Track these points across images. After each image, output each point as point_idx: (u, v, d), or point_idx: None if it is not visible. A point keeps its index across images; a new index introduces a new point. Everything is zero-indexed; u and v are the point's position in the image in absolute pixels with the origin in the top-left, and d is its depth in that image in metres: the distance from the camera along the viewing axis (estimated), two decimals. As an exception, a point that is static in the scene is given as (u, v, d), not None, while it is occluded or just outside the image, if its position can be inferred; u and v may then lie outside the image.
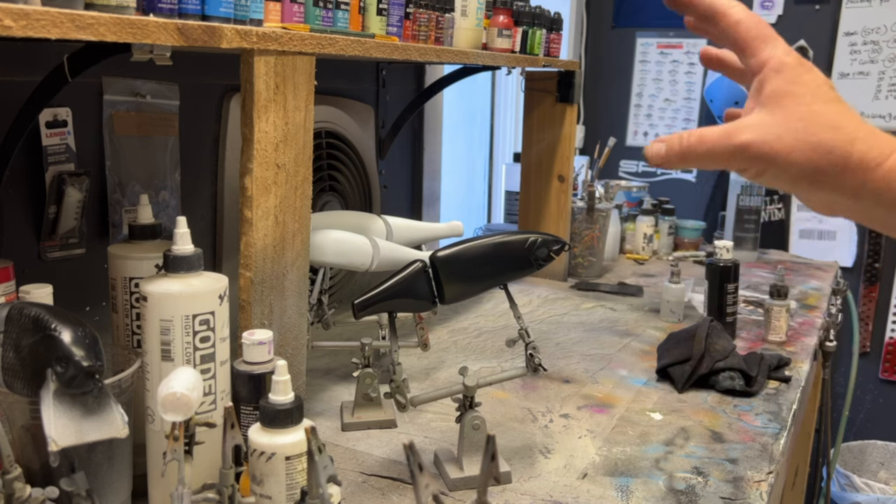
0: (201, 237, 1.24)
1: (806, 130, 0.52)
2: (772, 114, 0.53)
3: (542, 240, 0.90)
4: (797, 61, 0.55)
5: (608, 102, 2.92)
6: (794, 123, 0.52)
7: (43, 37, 0.57)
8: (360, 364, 1.02)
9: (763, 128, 0.53)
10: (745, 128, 0.54)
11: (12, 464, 0.60)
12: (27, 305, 0.63)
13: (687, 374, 1.17)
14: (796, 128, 0.52)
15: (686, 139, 0.55)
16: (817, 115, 0.52)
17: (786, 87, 0.54)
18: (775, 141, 0.52)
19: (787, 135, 0.52)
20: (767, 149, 0.52)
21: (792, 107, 0.53)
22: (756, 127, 0.53)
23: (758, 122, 0.53)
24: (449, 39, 1.24)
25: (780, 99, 0.53)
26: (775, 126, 0.53)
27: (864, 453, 2.59)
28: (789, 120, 0.52)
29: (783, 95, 0.53)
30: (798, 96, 0.53)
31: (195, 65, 1.15)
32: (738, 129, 0.54)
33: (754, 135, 0.53)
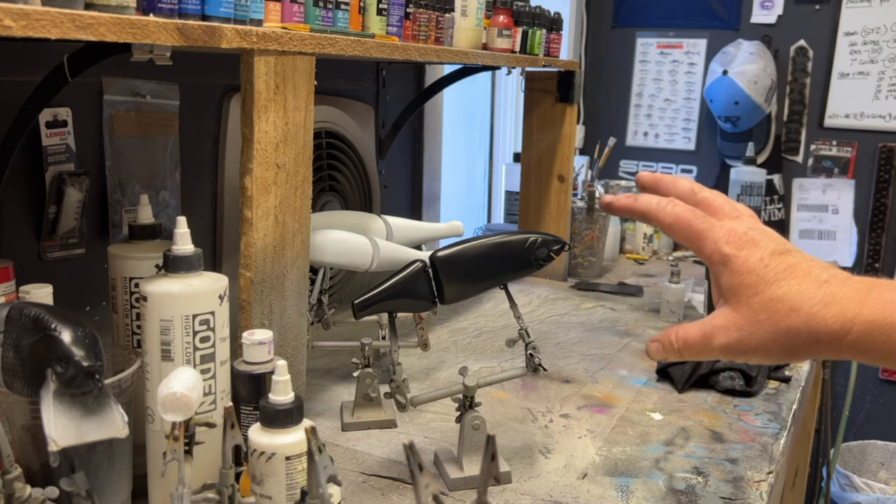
0: (201, 237, 1.24)
1: (770, 321, 0.55)
2: (735, 311, 0.57)
3: (542, 240, 0.90)
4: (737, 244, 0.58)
5: (608, 102, 2.92)
6: (759, 317, 0.56)
7: (43, 37, 0.57)
8: (360, 364, 1.02)
9: (732, 328, 0.57)
10: (718, 331, 0.58)
11: (12, 464, 0.60)
12: (27, 305, 0.63)
13: (687, 374, 1.17)
14: (761, 321, 0.56)
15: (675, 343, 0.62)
16: (775, 303, 0.55)
17: (737, 280, 0.57)
18: (748, 338, 0.57)
19: (756, 330, 0.56)
20: (744, 346, 0.57)
21: (751, 298, 0.56)
22: (727, 328, 0.58)
23: (726, 322, 0.58)
24: (449, 39, 1.24)
25: (738, 292, 0.57)
26: (743, 324, 0.57)
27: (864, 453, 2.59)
28: (753, 314, 0.56)
29: (739, 288, 0.57)
30: (750, 287, 0.57)
31: (195, 65, 1.15)
32: (712, 334, 0.59)
33: (727, 337, 0.58)
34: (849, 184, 2.59)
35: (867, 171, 2.56)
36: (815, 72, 2.58)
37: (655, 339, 0.63)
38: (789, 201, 2.68)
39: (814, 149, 2.63)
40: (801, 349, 0.55)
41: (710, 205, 0.63)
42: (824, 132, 2.60)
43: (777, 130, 2.66)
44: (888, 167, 2.52)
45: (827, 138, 2.60)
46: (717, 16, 2.71)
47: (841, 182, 2.60)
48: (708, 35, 2.74)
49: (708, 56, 2.73)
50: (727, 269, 0.58)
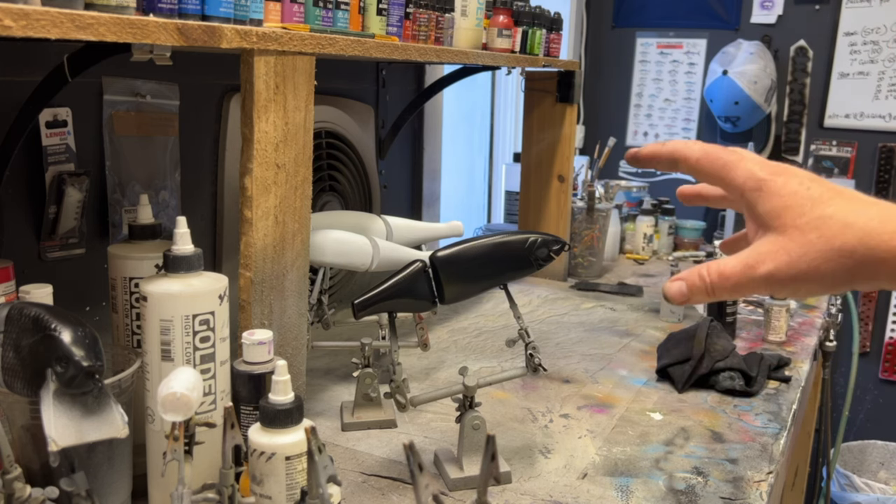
0: (201, 237, 1.24)
1: (822, 239, 0.50)
2: (781, 234, 0.52)
3: (542, 240, 0.90)
4: (771, 171, 0.54)
5: (608, 102, 2.92)
6: (808, 236, 0.51)
7: (43, 37, 0.57)
8: (360, 364, 1.02)
9: (780, 252, 0.52)
10: (763, 257, 0.52)
11: (12, 464, 0.60)
12: (27, 305, 0.63)
13: (687, 374, 1.17)
14: (811, 240, 0.51)
15: (707, 277, 0.55)
16: (826, 220, 0.51)
17: (778, 203, 0.53)
18: (798, 261, 0.51)
19: (808, 250, 0.51)
20: (794, 271, 0.51)
21: (798, 219, 0.51)
22: (773, 254, 0.52)
23: (773, 247, 0.52)
24: (449, 39, 1.24)
25: (781, 216, 0.52)
26: (791, 246, 0.51)
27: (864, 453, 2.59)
28: (803, 234, 0.51)
29: (782, 211, 0.52)
30: (797, 207, 0.52)
31: (195, 65, 1.15)
32: (757, 261, 0.53)
33: (775, 263, 0.52)
34: (849, 184, 2.59)
35: (867, 171, 2.56)
36: (815, 72, 2.58)
37: (677, 277, 0.56)
38: (789, 201, 2.67)
39: (814, 149, 2.63)
40: (858, 271, 0.50)
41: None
42: (824, 132, 2.60)
43: (777, 130, 2.66)
44: (888, 167, 2.52)
45: (827, 138, 2.60)
46: (717, 16, 2.71)
47: (841, 182, 2.60)
48: (708, 35, 2.74)
49: (708, 56, 2.73)
50: (764, 194, 0.53)
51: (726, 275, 0.54)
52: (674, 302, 0.57)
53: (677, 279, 0.56)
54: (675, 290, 0.56)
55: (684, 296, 0.56)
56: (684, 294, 0.56)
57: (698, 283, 0.55)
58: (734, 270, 0.53)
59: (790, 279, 0.51)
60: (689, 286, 0.55)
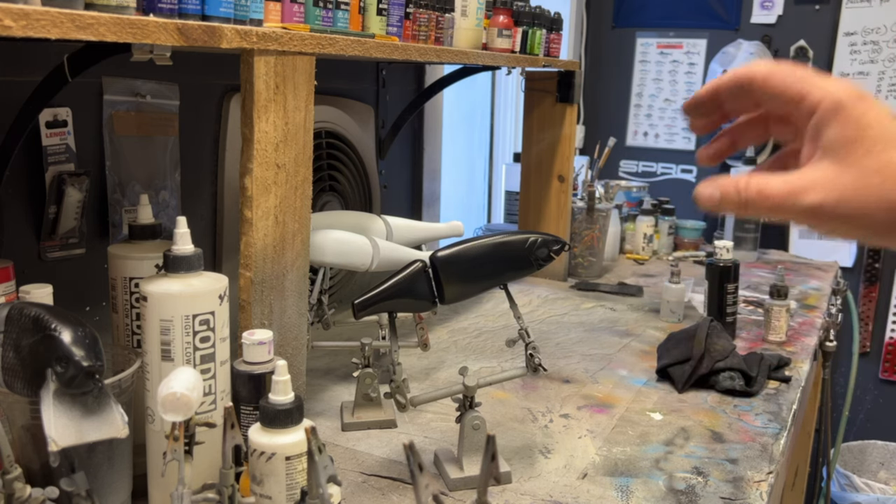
0: (201, 237, 1.24)
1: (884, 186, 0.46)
2: (841, 165, 0.48)
3: (542, 240, 0.90)
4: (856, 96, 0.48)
5: (608, 102, 2.92)
6: (871, 178, 0.47)
7: (43, 37, 0.57)
8: (360, 364, 1.02)
9: (836, 186, 0.47)
10: (814, 184, 0.48)
11: (12, 464, 0.60)
12: (27, 305, 0.63)
13: (687, 374, 1.17)
14: (874, 183, 0.46)
15: (745, 191, 0.50)
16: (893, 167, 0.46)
17: (851, 133, 0.48)
18: (851, 200, 0.47)
19: (865, 191, 0.47)
20: (844, 209, 0.47)
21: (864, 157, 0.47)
22: (826, 184, 0.47)
23: (827, 177, 0.48)
24: (449, 39, 1.24)
25: (847, 147, 0.47)
26: (849, 182, 0.47)
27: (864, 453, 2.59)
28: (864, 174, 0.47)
29: (850, 142, 0.47)
30: (868, 142, 0.47)
31: (195, 65, 1.15)
32: (805, 187, 0.48)
33: (826, 194, 0.47)
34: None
35: (867, 171, 2.56)
36: (815, 72, 2.58)
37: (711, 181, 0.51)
38: (789, 201, 2.67)
39: (814, 149, 2.62)
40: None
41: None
42: (824, 132, 2.60)
43: (777, 130, 2.65)
44: (888, 167, 2.51)
45: (827, 138, 2.60)
46: (717, 16, 2.71)
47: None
48: (708, 35, 2.74)
49: (708, 56, 2.73)
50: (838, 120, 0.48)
51: (767, 194, 0.49)
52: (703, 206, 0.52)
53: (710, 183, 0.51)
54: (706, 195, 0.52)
55: (714, 203, 0.51)
56: (714, 199, 0.51)
57: (733, 194, 0.50)
58: (777, 192, 0.49)
59: (836, 216, 0.48)
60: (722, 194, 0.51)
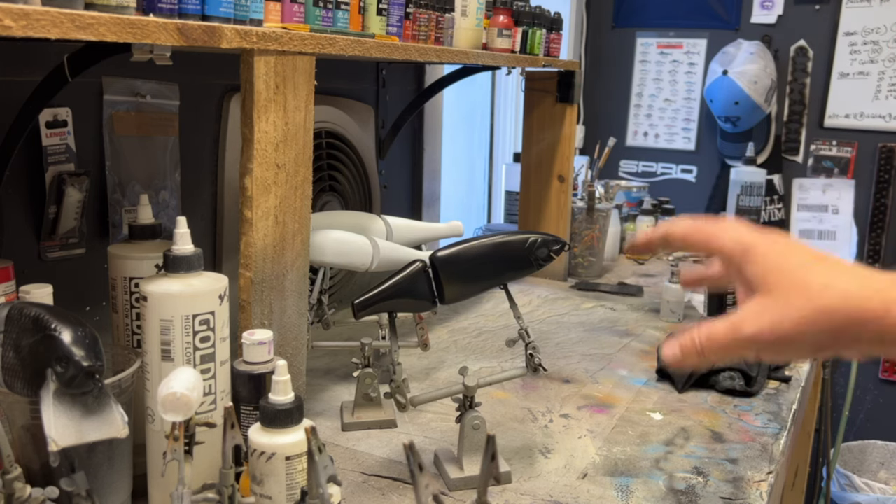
0: (201, 237, 1.24)
1: (803, 299, 0.52)
2: (765, 296, 0.54)
3: (542, 240, 0.90)
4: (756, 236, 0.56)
5: (608, 102, 2.92)
6: (790, 298, 0.52)
7: (43, 37, 0.57)
8: (360, 364, 1.02)
9: (764, 313, 0.53)
10: (748, 318, 0.54)
11: (12, 464, 0.60)
12: (27, 305, 0.63)
13: (687, 374, 1.17)
14: (793, 302, 0.52)
15: (698, 339, 0.56)
16: (808, 283, 0.52)
17: (764, 267, 0.54)
18: (781, 322, 0.52)
19: (790, 311, 0.52)
20: (779, 332, 0.52)
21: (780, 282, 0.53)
22: (758, 315, 0.53)
23: (757, 309, 0.54)
24: (449, 39, 1.24)
25: (764, 279, 0.54)
26: (775, 307, 0.53)
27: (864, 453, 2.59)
28: (784, 296, 0.53)
29: (765, 275, 0.54)
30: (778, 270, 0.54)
31: (195, 65, 1.15)
32: (742, 322, 0.54)
33: (758, 323, 0.53)
34: (849, 184, 2.59)
35: (867, 171, 2.56)
36: (815, 72, 2.58)
37: (670, 342, 0.58)
38: (789, 201, 2.68)
39: (814, 149, 2.63)
40: (840, 332, 0.51)
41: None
42: (824, 132, 2.60)
43: (777, 130, 2.66)
44: (888, 167, 2.52)
45: (827, 138, 2.60)
46: (717, 16, 2.71)
47: (841, 182, 2.60)
48: (708, 35, 2.74)
49: (708, 56, 2.73)
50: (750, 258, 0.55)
51: (714, 336, 0.55)
52: (670, 365, 0.58)
53: (673, 341, 0.58)
54: (669, 354, 0.58)
55: (677, 358, 0.57)
56: (677, 356, 0.57)
57: (689, 346, 0.56)
58: (721, 331, 0.55)
59: (774, 340, 0.53)
60: (681, 349, 0.57)
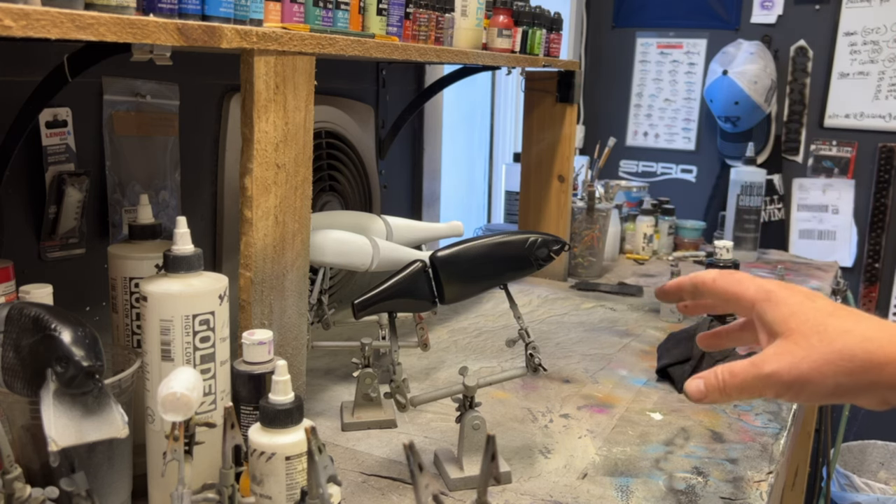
0: (201, 237, 1.24)
1: (823, 343, 0.54)
2: (787, 339, 0.57)
3: (542, 240, 0.90)
4: (779, 285, 0.61)
5: (608, 102, 2.92)
6: (811, 340, 0.55)
7: (43, 37, 0.57)
8: (360, 364, 1.02)
9: (786, 354, 0.56)
10: (769, 358, 0.57)
11: (12, 464, 0.60)
12: (27, 305, 0.63)
13: (687, 374, 1.16)
14: (813, 344, 0.55)
15: (720, 375, 0.59)
16: (827, 326, 0.55)
17: (786, 311, 0.58)
18: (801, 362, 0.55)
19: (811, 353, 0.55)
20: (797, 372, 0.55)
21: (801, 326, 0.56)
22: (779, 355, 0.56)
23: (779, 350, 0.57)
24: (449, 39, 1.24)
25: (786, 322, 0.57)
26: (795, 348, 0.56)
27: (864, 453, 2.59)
28: (805, 338, 0.55)
29: (787, 318, 0.57)
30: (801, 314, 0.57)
31: (195, 65, 1.15)
32: (763, 360, 0.57)
33: (779, 363, 0.56)
34: (849, 184, 2.59)
35: (867, 171, 2.56)
36: (815, 72, 2.58)
37: (696, 377, 0.61)
38: (789, 201, 2.68)
39: (814, 149, 2.63)
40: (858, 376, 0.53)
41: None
42: (824, 132, 2.60)
43: (777, 130, 2.66)
44: (888, 167, 2.52)
45: (827, 138, 2.60)
46: (717, 16, 2.71)
47: (841, 182, 2.60)
48: (708, 35, 2.74)
49: (708, 56, 2.73)
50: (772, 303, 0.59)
51: (735, 372, 0.59)
52: (693, 400, 0.61)
53: (697, 377, 0.61)
54: (693, 389, 0.61)
55: (702, 393, 0.60)
56: (702, 392, 0.60)
57: (713, 381, 0.60)
58: (742, 369, 0.58)
59: (793, 379, 0.55)
60: (706, 384, 0.60)
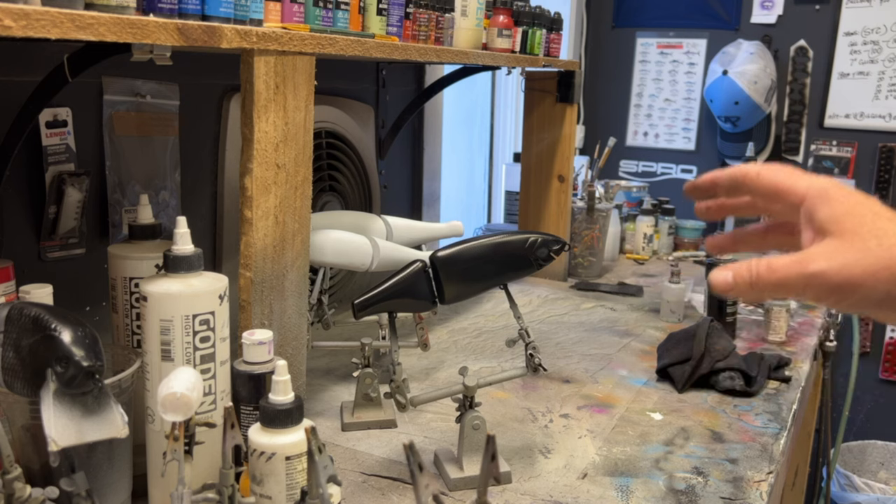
0: (201, 237, 1.24)
1: (881, 247, 0.49)
2: (840, 238, 0.50)
3: (542, 240, 0.90)
4: (835, 184, 0.54)
5: (608, 102, 2.92)
6: (868, 243, 0.49)
7: (43, 37, 0.57)
8: (360, 364, 1.02)
9: (836, 253, 0.50)
10: (818, 256, 0.50)
11: (12, 464, 0.60)
12: (27, 305, 0.63)
13: (687, 374, 1.17)
14: (870, 247, 0.49)
15: (755, 268, 0.52)
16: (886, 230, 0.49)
17: (840, 210, 0.52)
18: (854, 264, 0.49)
19: (866, 256, 0.49)
20: (847, 274, 0.49)
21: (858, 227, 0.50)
22: (829, 254, 0.50)
23: (829, 248, 0.50)
24: (449, 39, 1.24)
25: (840, 222, 0.51)
26: (850, 249, 0.49)
27: (864, 453, 2.59)
28: (861, 240, 0.49)
29: (842, 217, 0.51)
30: (858, 216, 0.51)
31: (195, 65, 1.15)
32: (809, 258, 0.51)
33: (829, 262, 0.49)
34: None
35: (867, 171, 2.56)
36: (815, 72, 2.58)
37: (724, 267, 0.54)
38: (789, 201, 2.67)
39: (814, 149, 2.63)
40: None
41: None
42: (824, 132, 2.60)
43: (777, 130, 2.66)
44: (888, 167, 2.52)
45: (827, 138, 2.60)
46: (717, 16, 2.71)
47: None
48: (708, 35, 2.74)
49: (708, 56, 2.73)
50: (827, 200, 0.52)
51: (774, 267, 0.51)
52: (717, 290, 0.54)
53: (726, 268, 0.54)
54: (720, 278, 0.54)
55: (728, 285, 0.53)
56: (728, 283, 0.53)
57: (744, 273, 0.53)
58: (784, 264, 0.51)
59: (841, 282, 0.49)
60: (734, 275, 0.53)
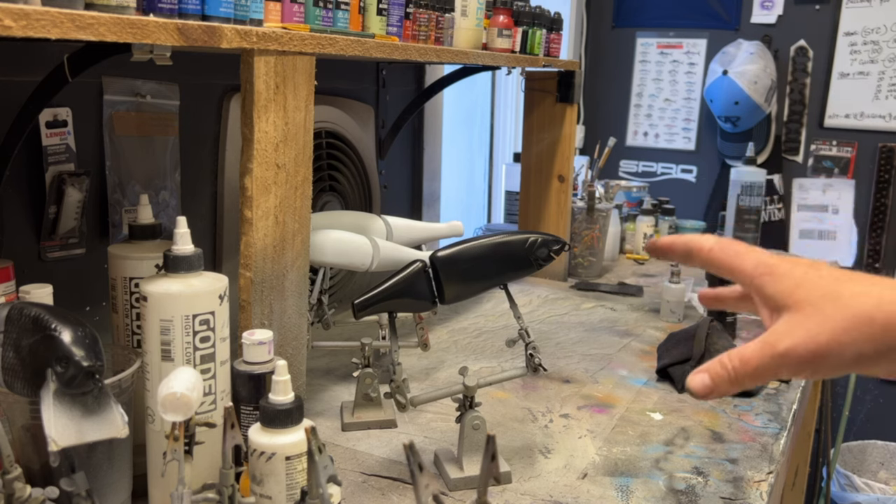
0: (201, 237, 1.24)
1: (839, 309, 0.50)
2: (796, 311, 0.51)
3: (542, 240, 0.90)
4: (780, 258, 0.55)
5: (608, 102, 2.92)
6: (825, 309, 0.50)
7: (43, 37, 0.57)
8: (360, 364, 1.02)
9: (798, 328, 0.51)
10: (781, 334, 0.51)
11: (12, 464, 0.60)
12: (27, 305, 0.63)
13: (687, 374, 1.16)
14: (828, 313, 0.50)
15: (729, 364, 0.53)
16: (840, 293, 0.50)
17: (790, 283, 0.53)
18: (817, 334, 0.50)
19: (826, 323, 0.50)
20: (814, 346, 0.50)
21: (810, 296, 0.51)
22: (791, 330, 0.51)
23: (790, 324, 0.51)
24: (449, 39, 1.24)
25: (792, 294, 0.52)
26: (809, 320, 0.51)
27: (864, 453, 2.59)
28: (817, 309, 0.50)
29: (793, 290, 0.52)
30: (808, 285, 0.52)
31: (195, 65, 1.15)
32: (774, 338, 0.52)
33: (793, 338, 0.51)
34: (849, 184, 2.59)
35: (867, 171, 2.56)
36: (815, 72, 2.58)
37: (698, 370, 0.54)
38: (789, 201, 2.68)
39: (814, 149, 2.63)
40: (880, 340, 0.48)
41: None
42: (824, 132, 2.60)
43: (777, 130, 2.66)
44: (888, 167, 2.52)
45: (827, 138, 2.60)
46: (717, 16, 2.71)
47: (841, 182, 2.60)
48: (708, 35, 2.74)
49: (708, 56, 2.73)
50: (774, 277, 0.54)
51: (746, 358, 0.52)
52: (698, 397, 0.55)
53: (700, 371, 0.55)
54: (698, 384, 0.54)
55: (708, 388, 0.54)
56: (708, 386, 0.54)
57: (721, 371, 0.54)
58: (754, 352, 0.52)
59: (811, 354, 0.50)
60: (711, 377, 0.54)
